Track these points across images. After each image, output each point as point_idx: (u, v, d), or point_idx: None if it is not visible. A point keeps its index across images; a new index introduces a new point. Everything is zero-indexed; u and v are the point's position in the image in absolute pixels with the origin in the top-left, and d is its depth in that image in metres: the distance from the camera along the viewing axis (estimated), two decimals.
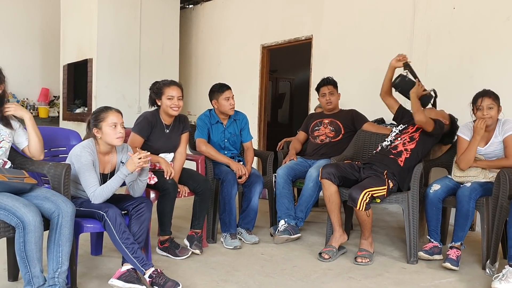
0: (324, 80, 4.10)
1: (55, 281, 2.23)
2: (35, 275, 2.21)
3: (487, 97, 3.15)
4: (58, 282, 2.24)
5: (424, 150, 3.43)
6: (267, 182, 3.88)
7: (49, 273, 2.25)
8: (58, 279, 2.24)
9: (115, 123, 2.67)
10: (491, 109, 3.13)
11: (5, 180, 2.25)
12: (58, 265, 2.26)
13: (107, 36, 6.54)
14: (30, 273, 2.20)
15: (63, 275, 2.28)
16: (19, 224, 2.14)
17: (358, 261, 3.13)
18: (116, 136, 2.67)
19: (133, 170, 2.59)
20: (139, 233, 2.65)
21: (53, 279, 2.23)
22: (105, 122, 2.67)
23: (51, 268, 2.26)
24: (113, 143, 2.70)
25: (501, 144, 3.17)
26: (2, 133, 2.44)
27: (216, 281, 2.79)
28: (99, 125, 2.68)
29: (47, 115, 7.99)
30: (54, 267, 2.26)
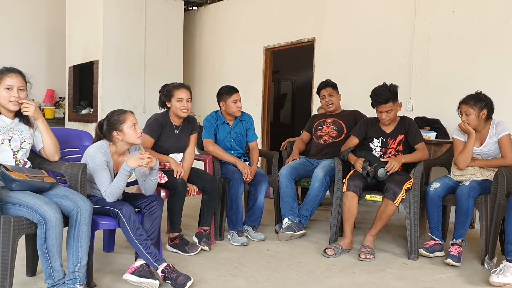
0: (323, 83, 4.19)
1: (75, 275, 2.34)
2: (55, 269, 2.31)
3: (464, 104, 3.29)
4: (78, 276, 2.35)
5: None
6: (272, 181, 3.99)
7: (69, 268, 2.36)
8: (78, 273, 2.36)
9: (134, 123, 2.80)
10: (468, 116, 3.25)
11: (27, 179, 2.35)
12: (78, 260, 2.37)
13: (112, 38, 6.64)
14: (51, 267, 2.30)
15: (83, 269, 2.39)
16: (41, 221, 2.25)
17: (362, 257, 3.23)
18: (137, 135, 2.81)
19: (135, 166, 2.70)
20: (151, 229, 2.77)
21: (73, 273, 2.34)
22: (126, 124, 2.79)
23: (71, 263, 2.37)
24: (136, 142, 2.83)
25: (495, 144, 3.28)
26: (24, 135, 2.55)
27: (225, 276, 2.90)
28: (120, 127, 2.79)
29: (52, 116, 8.08)
30: (74, 262, 2.37)
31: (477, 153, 3.34)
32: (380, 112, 3.52)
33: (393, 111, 3.48)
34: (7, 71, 2.50)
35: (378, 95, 3.45)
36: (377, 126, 3.63)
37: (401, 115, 3.67)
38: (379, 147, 3.59)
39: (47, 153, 2.68)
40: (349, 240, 3.42)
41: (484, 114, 3.26)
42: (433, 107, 4.47)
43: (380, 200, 3.36)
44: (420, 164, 3.41)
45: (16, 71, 2.52)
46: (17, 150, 2.49)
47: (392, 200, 3.23)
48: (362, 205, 4.79)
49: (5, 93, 2.45)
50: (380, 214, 3.33)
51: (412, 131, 3.53)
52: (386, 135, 3.58)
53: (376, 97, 3.46)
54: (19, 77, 2.51)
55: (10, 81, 2.46)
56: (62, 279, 2.34)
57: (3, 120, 2.49)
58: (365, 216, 4.62)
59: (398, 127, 3.58)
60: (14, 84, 2.47)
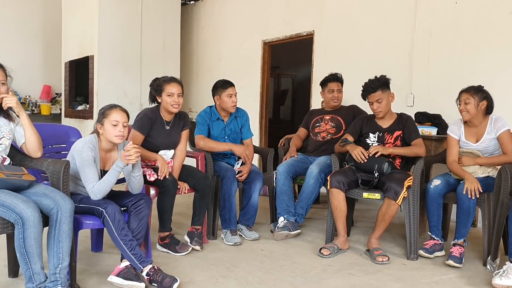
0: (334, 75, 4.05)
1: (57, 276, 2.23)
2: (36, 272, 2.20)
3: (464, 92, 3.20)
4: (60, 278, 2.24)
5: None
6: (267, 179, 3.88)
7: (50, 270, 2.25)
8: (59, 274, 2.24)
9: (117, 121, 2.67)
10: (467, 104, 3.15)
11: (3, 177, 2.24)
12: (59, 261, 2.26)
13: (108, 33, 6.54)
14: (31, 269, 2.19)
15: (64, 271, 2.28)
16: (18, 220, 2.14)
17: (379, 260, 3.10)
18: (115, 134, 2.67)
19: (127, 163, 2.60)
20: (138, 229, 2.65)
21: (55, 275, 2.23)
22: (107, 119, 2.67)
23: (52, 264, 2.26)
24: (112, 140, 2.70)
25: (494, 140, 3.16)
26: (2, 130, 2.43)
27: (215, 277, 2.79)
28: (102, 121, 2.69)
29: (49, 112, 8.00)
30: (55, 263, 2.26)
31: (474, 149, 3.22)
32: (371, 103, 3.42)
33: (383, 100, 3.37)
34: None
35: (366, 85, 3.40)
36: (373, 122, 3.52)
37: (399, 112, 3.55)
38: (376, 142, 3.46)
39: (29, 149, 2.56)
40: (343, 238, 3.31)
41: (483, 106, 3.13)
42: (434, 102, 4.35)
43: (378, 198, 3.24)
44: (420, 160, 3.29)
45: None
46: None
47: (394, 199, 3.11)
48: (360, 203, 4.70)
49: None
50: (382, 215, 3.21)
51: (408, 127, 3.42)
52: (382, 130, 3.46)
53: (365, 87, 3.41)
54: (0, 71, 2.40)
55: None
56: (44, 282, 2.23)
57: None
58: (363, 214, 4.51)
59: (395, 123, 3.46)
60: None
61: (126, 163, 2.61)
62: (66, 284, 2.29)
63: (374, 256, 3.14)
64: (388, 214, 3.18)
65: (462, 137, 3.28)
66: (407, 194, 3.17)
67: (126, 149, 2.60)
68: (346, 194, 3.28)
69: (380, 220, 3.23)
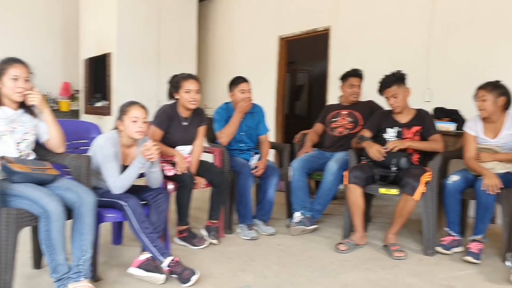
0: (355, 71, 4.03)
1: (80, 268, 2.29)
2: (60, 263, 2.26)
3: (481, 88, 3.18)
4: (83, 269, 2.29)
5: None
6: (283, 175, 3.90)
7: (73, 261, 2.31)
8: (82, 266, 2.30)
9: (137, 117, 2.73)
10: (484, 101, 3.13)
11: (28, 171, 2.31)
12: (82, 253, 2.32)
13: (126, 30, 6.60)
14: (55, 261, 2.25)
15: (87, 263, 2.33)
16: (42, 213, 2.20)
17: (396, 256, 3.11)
18: (135, 130, 2.73)
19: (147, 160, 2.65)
20: (157, 222, 2.71)
21: (77, 266, 2.29)
22: (127, 116, 2.73)
23: (75, 256, 2.31)
24: (132, 136, 2.75)
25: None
26: (27, 126, 2.50)
27: (233, 271, 2.83)
28: (122, 117, 2.76)
29: (68, 108, 8.11)
30: (78, 255, 2.31)
31: (492, 145, 3.20)
32: (387, 98, 3.43)
33: (399, 95, 3.37)
34: (12, 61, 2.44)
35: (382, 80, 3.42)
36: (391, 117, 3.52)
37: (418, 108, 3.54)
38: (394, 137, 3.46)
39: (52, 145, 2.63)
40: (361, 234, 3.32)
41: (501, 102, 3.11)
42: (452, 98, 4.30)
43: (395, 194, 3.24)
44: (438, 156, 3.28)
45: (21, 61, 2.47)
46: (20, 141, 2.45)
47: (411, 195, 3.11)
48: (377, 199, 4.69)
49: (11, 84, 2.40)
50: (399, 211, 3.21)
51: (427, 122, 3.41)
52: (400, 125, 3.46)
53: (381, 82, 3.42)
54: (24, 67, 2.46)
55: (16, 72, 2.41)
56: (67, 273, 2.28)
57: (5, 111, 2.44)
58: (381, 210, 4.51)
59: (413, 118, 3.45)
60: (20, 75, 2.42)
61: (147, 160, 2.66)
62: (89, 276, 2.35)
63: (391, 251, 3.15)
64: (405, 209, 3.18)
65: (480, 134, 3.26)
66: (425, 189, 3.17)
67: (146, 147, 2.64)
68: (363, 189, 3.29)
69: (397, 215, 3.23)
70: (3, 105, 2.44)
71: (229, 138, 3.70)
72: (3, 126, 2.39)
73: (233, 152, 3.78)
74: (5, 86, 2.40)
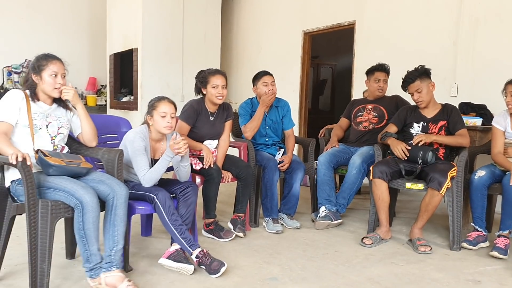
0: (382, 65, 4.02)
1: (112, 258, 2.37)
2: (93, 253, 2.34)
3: (510, 84, 3.16)
4: (115, 260, 2.37)
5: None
6: (308, 169, 3.92)
7: (106, 252, 2.39)
8: (114, 256, 2.37)
9: (165, 112, 2.79)
10: None
11: (63, 164, 2.39)
12: (114, 244, 2.39)
13: (151, 26, 6.70)
14: (88, 251, 2.33)
15: (119, 253, 2.41)
16: (78, 205, 2.28)
17: (422, 250, 3.11)
18: (164, 125, 2.80)
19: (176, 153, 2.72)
20: (186, 215, 2.77)
21: (110, 256, 2.37)
22: (156, 111, 2.80)
23: (107, 247, 2.39)
24: (161, 131, 2.82)
25: None
26: (61, 120, 2.58)
27: (259, 263, 2.88)
28: (151, 112, 2.83)
29: (95, 103, 8.28)
30: (110, 246, 2.39)
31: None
32: (411, 94, 3.42)
33: (423, 89, 3.36)
34: (51, 58, 2.53)
35: (405, 76, 3.42)
36: (418, 112, 3.50)
37: (444, 103, 3.52)
38: (420, 132, 3.45)
39: (85, 139, 2.71)
40: (386, 229, 3.33)
41: None
42: (480, 93, 4.26)
43: (421, 188, 3.24)
44: (464, 151, 3.26)
45: (58, 58, 2.56)
46: (55, 135, 2.53)
47: (437, 190, 3.10)
48: (402, 194, 4.68)
49: (51, 80, 2.49)
50: (425, 205, 3.21)
51: (453, 117, 3.39)
52: (426, 120, 3.45)
53: (404, 79, 3.42)
54: (61, 64, 2.55)
55: (55, 68, 2.49)
56: (99, 263, 2.36)
57: (41, 106, 2.53)
58: (406, 205, 4.50)
59: (439, 113, 3.43)
60: (59, 71, 2.51)
61: (176, 154, 2.72)
62: (120, 266, 2.42)
63: (416, 246, 3.16)
64: (431, 204, 3.18)
65: (508, 128, 3.23)
66: (451, 184, 3.16)
67: (176, 142, 2.70)
68: (389, 184, 3.29)
69: (423, 210, 3.23)
70: (38, 100, 2.53)
71: (253, 132, 3.74)
72: (38, 121, 2.48)
73: (258, 146, 3.82)
74: (44, 82, 2.49)
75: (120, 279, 2.32)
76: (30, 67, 2.52)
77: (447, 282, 2.64)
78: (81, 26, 8.58)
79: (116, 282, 2.31)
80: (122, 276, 2.35)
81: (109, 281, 2.32)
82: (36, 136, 2.46)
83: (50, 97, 2.56)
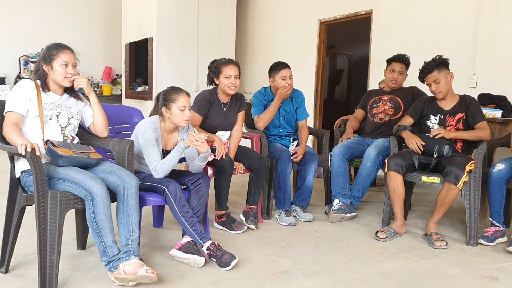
0: (400, 56, 3.92)
1: (129, 247, 2.33)
2: (108, 245, 2.31)
3: None
4: (132, 248, 2.34)
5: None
6: (322, 161, 3.87)
7: (122, 242, 2.36)
8: (131, 245, 2.34)
9: (184, 106, 2.76)
10: None
11: (72, 155, 2.37)
12: (129, 233, 2.36)
13: (166, 15, 6.66)
14: (103, 243, 2.30)
15: (136, 242, 2.37)
16: (87, 196, 2.27)
17: (437, 245, 3.05)
18: (184, 119, 2.77)
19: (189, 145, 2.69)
20: (197, 207, 2.75)
21: (127, 246, 2.34)
22: (175, 104, 2.76)
23: (123, 237, 2.36)
24: (180, 124, 2.80)
25: None
26: (71, 111, 2.57)
27: (271, 256, 2.84)
28: (169, 105, 2.78)
29: (110, 93, 8.31)
30: (126, 235, 2.36)
31: None
32: (429, 85, 3.32)
33: (441, 80, 3.26)
34: (62, 47, 2.51)
35: (422, 67, 3.32)
36: (435, 104, 3.41)
37: (462, 94, 3.42)
38: (437, 124, 3.37)
39: (96, 129, 2.70)
40: (401, 222, 3.27)
41: None
42: (500, 84, 4.14)
43: (438, 182, 3.16)
44: (483, 144, 3.17)
45: (69, 47, 2.54)
46: (65, 125, 2.52)
47: (454, 183, 3.03)
48: (418, 187, 4.60)
49: (61, 70, 2.47)
50: (442, 199, 3.13)
51: (472, 109, 3.29)
52: (444, 112, 3.36)
53: (421, 69, 3.33)
54: (72, 53, 2.53)
55: (66, 58, 2.48)
56: (117, 254, 2.32)
57: (51, 96, 2.52)
58: (421, 198, 4.42)
59: (457, 105, 3.34)
60: (69, 61, 2.49)
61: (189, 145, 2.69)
62: (139, 254, 2.38)
63: (432, 240, 3.09)
64: (447, 198, 3.10)
65: None
66: (468, 178, 3.08)
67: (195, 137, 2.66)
68: (404, 177, 3.22)
69: (439, 204, 3.16)
70: (49, 90, 2.51)
71: (265, 124, 3.70)
72: (49, 111, 2.47)
73: (272, 137, 3.78)
74: (55, 72, 2.47)
75: (139, 265, 2.29)
76: (41, 56, 2.51)
77: (463, 278, 2.58)
78: (96, 15, 8.60)
79: (135, 269, 2.28)
80: (140, 263, 2.31)
81: (128, 270, 2.29)
82: (46, 126, 2.45)
83: (60, 87, 2.54)
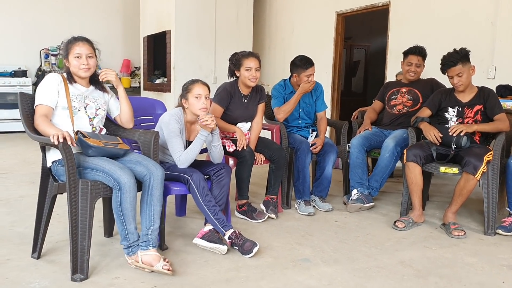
0: (417, 48, 3.91)
1: (148, 237, 2.44)
2: (130, 232, 2.42)
3: None
4: (151, 239, 2.45)
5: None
6: (341, 152, 3.92)
7: (143, 231, 2.47)
8: (151, 235, 2.45)
9: (200, 94, 2.84)
10: None
11: (102, 145, 2.47)
12: (150, 223, 2.47)
13: (184, 8, 6.73)
14: (126, 229, 2.42)
15: (155, 232, 2.48)
16: (116, 185, 2.36)
17: (455, 235, 3.09)
18: (199, 107, 2.85)
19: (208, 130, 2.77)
20: (219, 196, 2.83)
21: (147, 235, 2.45)
22: (191, 93, 2.85)
23: (144, 226, 2.47)
24: (197, 113, 2.87)
25: None
26: (98, 102, 2.66)
27: (291, 244, 2.92)
28: (186, 95, 2.88)
29: (129, 85, 8.43)
30: (147, 225, 2.47)
31: None
32: (451, 77, 3.32)
33: (464, 74, 3.27)
34: (75, 40, 2.60)
35: (445, 59, 3.31)
36: (453, 96, 3.43)
37: (480, 86, 3.43)
38: (455, 116, 3.39)
39: (123, 120, 2.78)
40: (419, 212, 3.31)
41: None
42: None
43: (456, 172, 3.20)
44: (502, 135, 3.19)
45: (84, 39, 2.62)
46: (93, 117, 2.61)
47: (473, 174, 3.06)
48: (436, 178, 4.62)
49: (75, 62, 2.56)
50: (460, 189, 3.17)
51: (491, 101, 3.30)
52: (462, 105, 3.37)
53: (444, 61, 3.31)
54: (86, 44, 2.60)
55: (79, 50, 2.56)
56: (136, 241, 2.44)
57: (78, 88, 2.61)
58: (439, 189, 4.44)
59: (476, 97, 3.35)
60: (83, 52, 2.57)
61: (209, 130, 2.77)
62: (157, 244, 2.49)
63: (450, 230, 3.13)
64: (466, 189, 3.13)
65: None
66: (486, 169, 3.11)
67: (201, 117, 2.75)
68: (422, 168, 3.26)
69: (457, 194, 3.19)
70: (75, 82, 2.61)
71: (285, 115, 3.75)
72: (77, 103, 2.56)
73: (291, 129, 3.83)
74: (71, 64, 2.58)
75: (156, 258, 2.40)
76: (62, 52, 2.62)
77: (481, 267, 2.62)
78: (115, 8, 8.71)
79: (152, 261, 2.39)
80: (158, 256, 2.41)
81: (145, 260, 2.40)
82: (75, 118, 2.55)
83: (83, 79, 2.63)
